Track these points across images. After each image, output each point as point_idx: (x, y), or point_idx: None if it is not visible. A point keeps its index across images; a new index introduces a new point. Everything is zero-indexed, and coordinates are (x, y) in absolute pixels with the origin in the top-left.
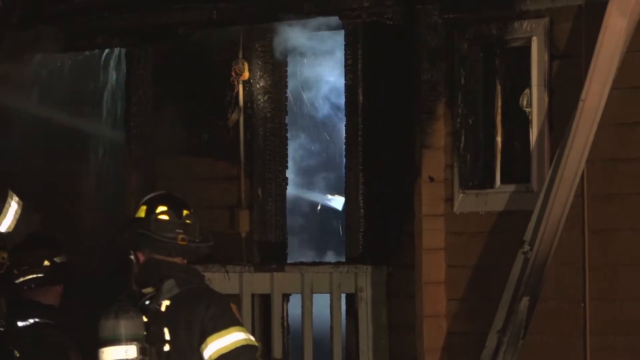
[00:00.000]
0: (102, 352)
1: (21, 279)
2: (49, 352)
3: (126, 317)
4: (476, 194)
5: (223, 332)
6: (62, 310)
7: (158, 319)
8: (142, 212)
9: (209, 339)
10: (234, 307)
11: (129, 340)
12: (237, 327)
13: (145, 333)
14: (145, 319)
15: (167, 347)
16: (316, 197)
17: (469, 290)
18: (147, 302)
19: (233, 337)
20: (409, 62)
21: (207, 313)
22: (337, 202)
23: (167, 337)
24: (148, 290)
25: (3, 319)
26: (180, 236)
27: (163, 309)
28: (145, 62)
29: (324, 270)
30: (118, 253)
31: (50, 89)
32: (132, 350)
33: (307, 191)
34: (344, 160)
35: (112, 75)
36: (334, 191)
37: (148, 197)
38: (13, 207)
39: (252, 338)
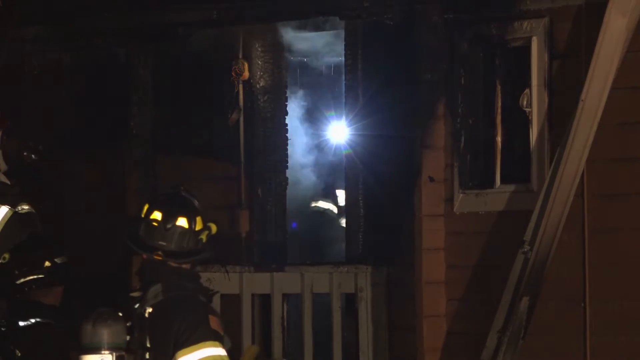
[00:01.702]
0: (81, 359)
1: (22, 280)
2: (50, 352)
3: (104, 324)
4: (476, 194)
5: (193, 347)
6: (63, 310)
7: (142, 326)
8: (143, 212)
9: (178, 353)
10: (214, 319)
11: (105, 348)
12: (209, 342)
13: (128, 339)
14: (132, 324)
15: (148, 355)
16: None
17: (469, 290)
18: (136, 306)
19: (202, 353)
20: (409, 62)
21: (181, 325)
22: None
23: (148, 344)
24: (136, 294)
25: (4, 319)
26: (159, 251)
27: (147, 315)
28: (145, 62)
29: (324, 270)
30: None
31: None
32: (107, 359)
33: None
34: (344, 160)
35: None
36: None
37: (155, 196)
38: (1, 212)
39: (224, 354)
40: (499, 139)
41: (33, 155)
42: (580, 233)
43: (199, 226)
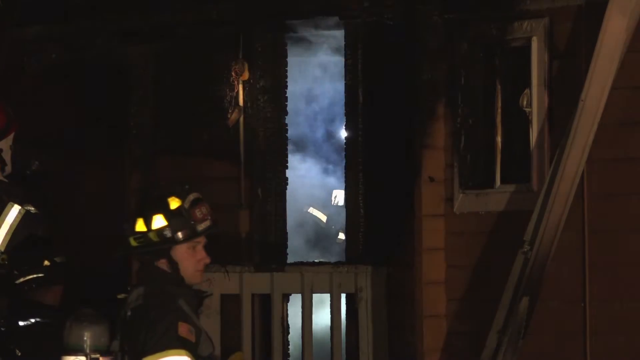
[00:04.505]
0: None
1: (22, 280)
2: (49, 351)
3: (81, 326)
4: (476, 194)
5: (156, 355)
6: (63, 310)
7: (122, 329)
8: None
9: None
10: (184, 326)
11: (82, 350)
12: (174, 351)
13: (110, 342)
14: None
15: (126, 359)
16: None
17: (469, 290)
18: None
19: None
20: (409, 62)
21: (147, 332)
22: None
23: (126, 348)
24: (121, 295)
25: (4, 319)
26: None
27: (127, 318)
28: (145, 62)
29: (324, 270)
30: None
31: None
32: None
33: None
34: (344, 160)
35: None
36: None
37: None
38: (15, 210)
39: None
40: (499, 139)
41: (38, 162)
42: (580, 233)
43: (155, 226)
